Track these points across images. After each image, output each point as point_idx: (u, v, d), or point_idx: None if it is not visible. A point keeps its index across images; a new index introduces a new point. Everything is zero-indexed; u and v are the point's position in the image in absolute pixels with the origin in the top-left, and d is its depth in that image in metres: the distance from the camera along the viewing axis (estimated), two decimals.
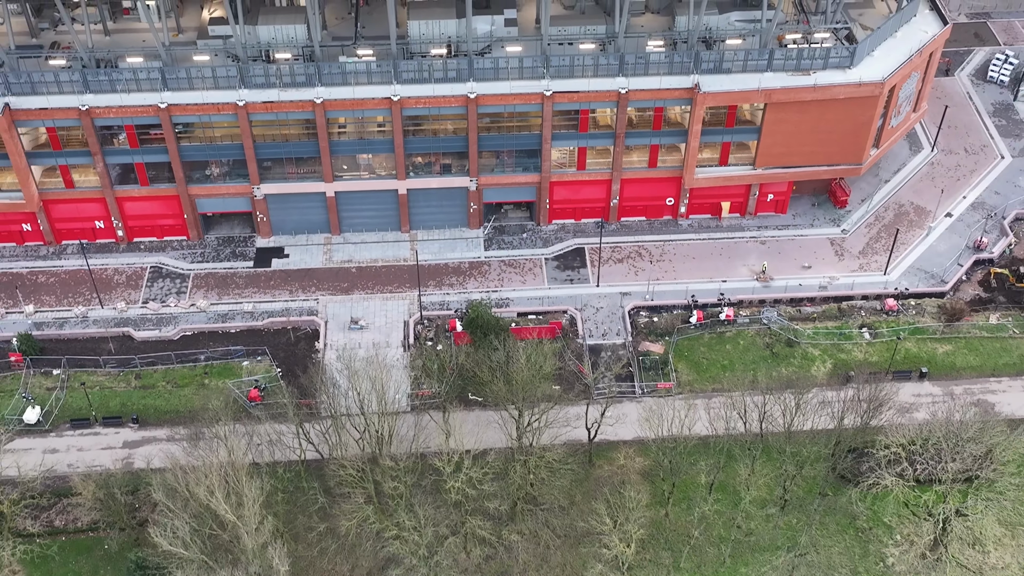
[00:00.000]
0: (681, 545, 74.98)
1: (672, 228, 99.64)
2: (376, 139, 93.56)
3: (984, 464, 67.80)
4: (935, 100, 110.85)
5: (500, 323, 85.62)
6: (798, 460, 71.99)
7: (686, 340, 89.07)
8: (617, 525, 67.73)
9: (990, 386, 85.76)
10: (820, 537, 75.32)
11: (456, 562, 71.53)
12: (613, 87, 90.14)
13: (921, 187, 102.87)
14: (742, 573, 74.44)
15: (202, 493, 62.02)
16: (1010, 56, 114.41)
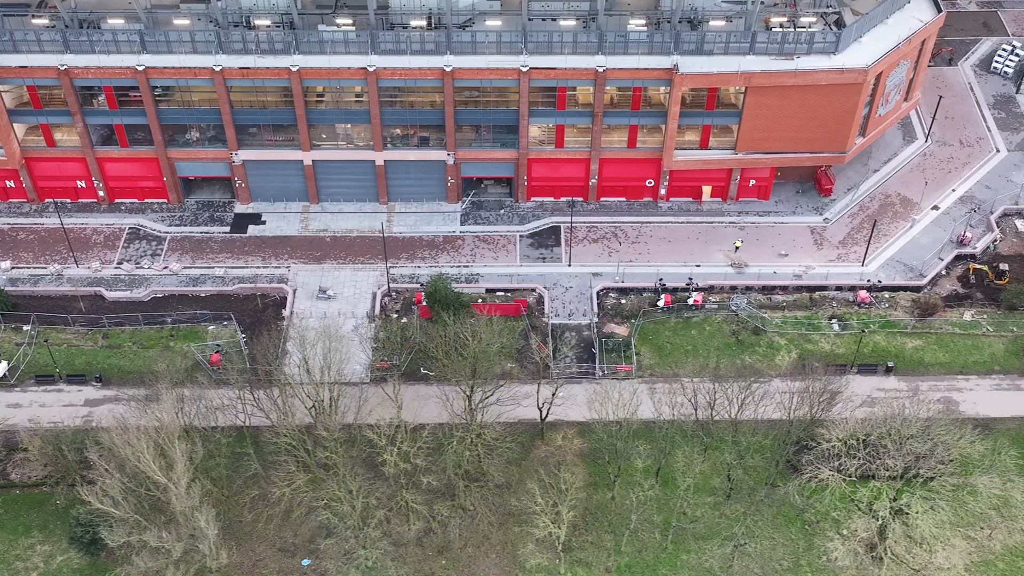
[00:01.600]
0: (624, 528, 74.66)
1: (651, 210, 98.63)
2: (353, 109, 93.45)
3: (925, 463, 66.63)
4: (935, 90, 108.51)
5: (460, 299, 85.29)
6: (739, 450, 71.20)
7: (652, 324, 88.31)
8: (550, 506, 67.47)
9: (957, 384, 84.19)
10: (766, 528, 74.52)
11: (388, 535, 71.86)
12: (591, 65, 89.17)
13: (910, 178, 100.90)
14: (683, 560, 73.91)
15: (130, 454, 62.64)
16: (1017, 47, 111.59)
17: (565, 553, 73.86)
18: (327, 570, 71.73)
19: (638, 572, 73.88)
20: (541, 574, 73.35)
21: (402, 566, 73.26)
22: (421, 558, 74.06)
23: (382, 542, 69.08)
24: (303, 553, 73.74)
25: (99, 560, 72.67)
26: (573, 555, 74.27)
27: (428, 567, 73.81)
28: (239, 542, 74.37)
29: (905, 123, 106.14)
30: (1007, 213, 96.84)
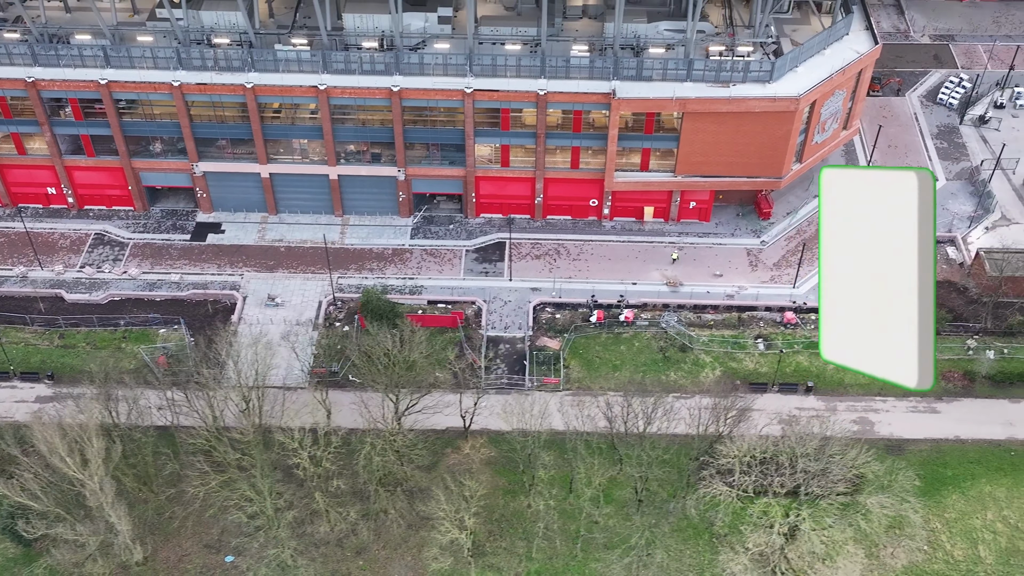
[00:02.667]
0: (534, 536, 74.40)
1: (595, 229, 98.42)
2: (308, 125, 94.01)
3: (817, 481, 66.03)
4: (881, 119, 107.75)
5: (395, 309, 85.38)
6: (644, 463, 70.78)
7: (583, 338, 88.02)
8: (454, 512, 67.31)
9: (874, 405, 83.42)
10: (674, 540, 74.10)
11: (310, 535, 71.98)
12: (533, 88, 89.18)
13: None
14: (591, 568, 73.59)
15: (44, 449, 63.07)
16: (963, 80, 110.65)
17: (479, 558, 73.75)
18: (240, 567, 71.93)
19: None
20: None
21: (322, 565, 73.42)
22: (340, 558, 74.15)
23: (292, 541, 69.05)
24: (228, 550, 73.99)
25: (33, 550, 73.19)
26: (486, 560, 74.10)
27: (346, 567, 73.91)
28: (167, 538, 74.73)
29: (849, 150, 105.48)
30: (939, 241, 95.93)
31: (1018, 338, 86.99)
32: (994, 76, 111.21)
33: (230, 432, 69.03)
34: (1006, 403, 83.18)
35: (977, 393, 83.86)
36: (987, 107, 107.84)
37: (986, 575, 73.30)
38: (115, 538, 65.82)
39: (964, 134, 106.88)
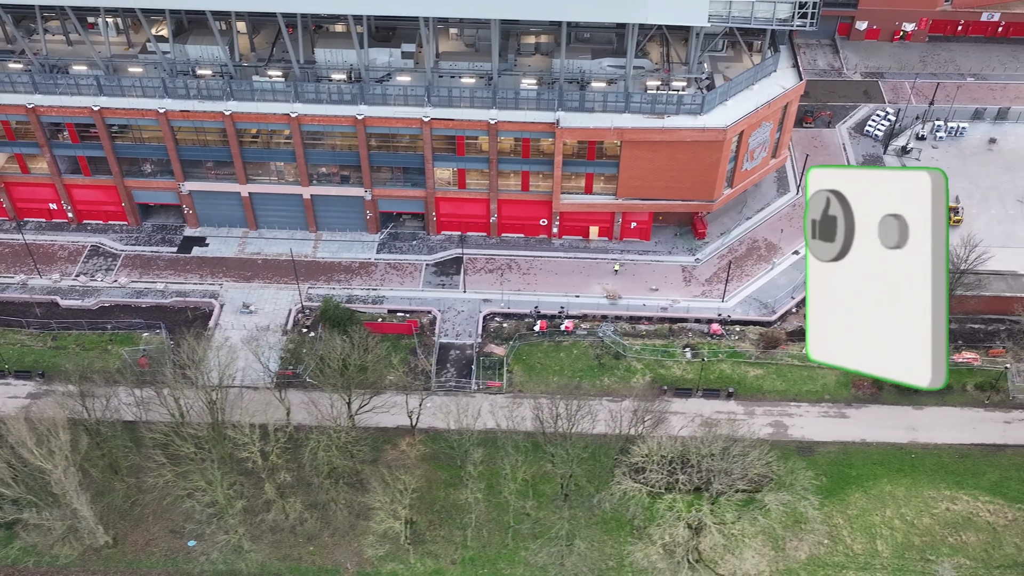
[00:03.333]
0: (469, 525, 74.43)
1: (545, 246, 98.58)
2: (282, 149, 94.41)
3: (721, 479, 65.97)
4: (812, 148, 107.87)
5: (353, 317, 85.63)
6: (564, 460, 70.79)
7: (527, 346, 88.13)
8: (389, 503, 67.42)
9: (789, 409, 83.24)
10: (598, 532, 74.01)
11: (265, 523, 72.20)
12: (484, 118, 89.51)
13: (778, 226, 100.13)
14: (520, 556, 73.59)
15: (12, 440, 63.49)
16: (889, 113, 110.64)
17: (418, 545, 73.86)
18: (200, 551, 72.15)
19: (480, 564, 73.69)
20: (394, 562, 73.38)
21: (275, 550, 73.63)
22: (292, 544, 74.36)
23: (241, 528, 69.19)
24: (190, 535, 74.22)
25: (13, 533, 73.47)
26: (425, 547, 74.23)
27: (297, 552, 74.12)
28: (136, 523, 75.06)
29: (782, 177, 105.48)
30: None
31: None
32: (917, 110, 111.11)
33: (188, 427, 69.26)
34: (910, 410, 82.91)
35: (884, 400, 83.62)
36: (909, 138, 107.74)
37: (881, 567, 73.01)
38: (80, 523, 66.03)
39: (887, 163, 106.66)
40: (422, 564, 73.27)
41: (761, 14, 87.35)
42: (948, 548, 73.56)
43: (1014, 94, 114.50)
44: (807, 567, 73.03)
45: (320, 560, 73.44)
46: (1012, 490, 76.97)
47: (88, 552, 72.80)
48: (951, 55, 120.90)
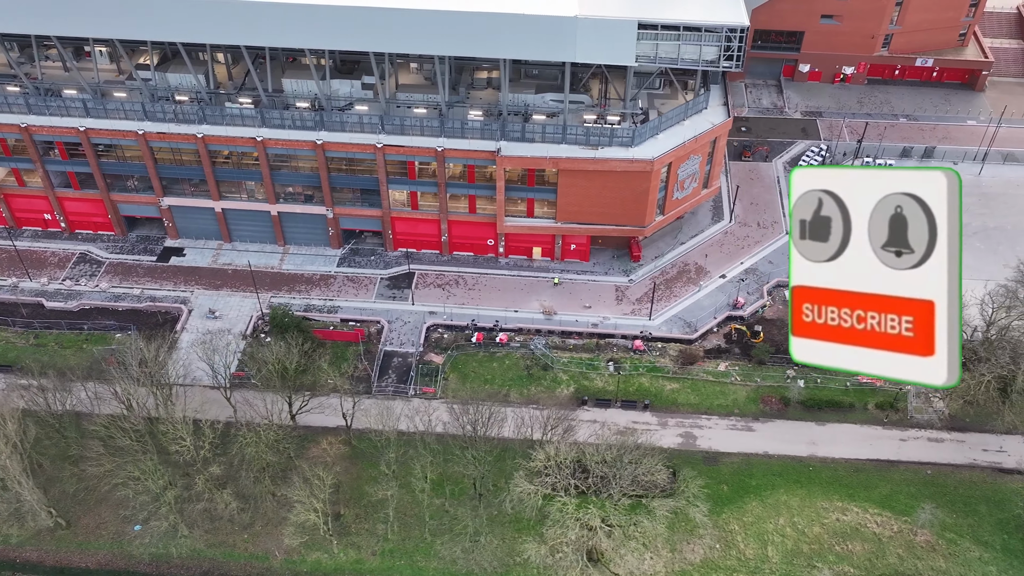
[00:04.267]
0: (394, 522, 74.08)
1: (492, 264, 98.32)
2: (251, 170, 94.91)
3: (612, 484, 65.25)
4: (748, 180, 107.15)
5: (300, 324, 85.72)
6: (476, 462, 70.34)
7: (464, 356, 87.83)
8: (307, 496, 67.25)
9: (700, 422, 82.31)
10: (508, 529, 73.39)
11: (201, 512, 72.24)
12: (432, 145, 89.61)
13: (710, 251, 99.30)
14: (436, 549, 73.12)
15: None
16: (822, 150, 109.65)
17: (343, 537, 73.59)
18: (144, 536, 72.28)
19: (398, 556, 73.32)
20: (319, 552, 73.14)
21: (212, 537, 73.64)
22: (229, 531, 74.29)
23: (173, 516, 69.24)
24: (136, 521, 74.37)
25: None
26: (349, 539, 73.96)
27: (232, 540, 74.04)
28: (89, 508, 75.31)
29: (717, 206, 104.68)
30: (779, 284, 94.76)
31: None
32: (849, 147, 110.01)
33: (126, 421, 69.52)
34: (813, 425, 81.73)
35: (790, 416, 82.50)
36: None
37: (770, 571, 71.86)
38: (23, 506, 66.37)
39: None
40: (345, 554, 72.97)
41: (687, 55, 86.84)
42: (834, 556, 72.30)
43: (942, 134, 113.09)
44: (700, 569, 72.01)
45: (252, 548, 73.37)
46: (900, 503, 75.58)
47: (43, 533, 73.19)
48: (887, 97, 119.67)
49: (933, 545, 72.90)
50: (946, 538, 73.34)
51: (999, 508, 74.81)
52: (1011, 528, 73.51)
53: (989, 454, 79.23)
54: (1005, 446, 79.41)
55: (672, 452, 79.62)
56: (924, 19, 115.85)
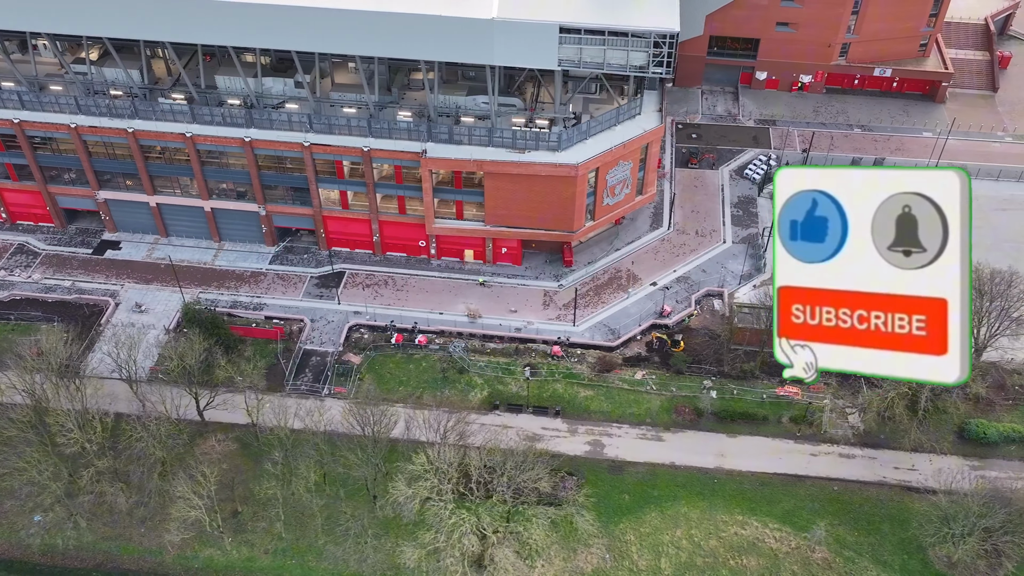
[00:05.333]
0: (291, 520, 74.15)
1: (424, 266, 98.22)
2: (183, 165, 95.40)
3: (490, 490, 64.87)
4: (692, 188, 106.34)
5: (216, 321, 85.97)
6: (365, 463, 70.24)
7: (382, 356, 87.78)
8: (191, 492, 67.43)
9: (610, 430, 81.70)
10: (403, 532, 73.11)
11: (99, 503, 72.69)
12: (359, 145, 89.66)
13: (644, 258, 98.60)
14: (329, 550, 73.04)
15: None
16: (770, 158, 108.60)
17: (239, 533, 73.77)
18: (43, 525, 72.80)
19: (290, 555, 73.34)
20: (212, 548, 73.32)
21: (110, 529, 74.05)
22: (127, 524, 74.67)
23: (58, 508, 69.65)
24: (12, 511, 74.79)
25: None
26: (244, 536, 74.10)
27: (129, 532, 74.39)
28: None
29: (658, 212, 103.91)
30: (709, 294, 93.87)
31: (750, 381, 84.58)
32: (799, 156, 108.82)
33: (11, 411, 70.09)
34: (724, 437, 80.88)
35: (702, 427, 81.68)
36: None
37: None
38: None
39: (760, 204, 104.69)
40: (238, 552, 73.11)
41: (614, 60, 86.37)
42: (728, 570, 71.47)
43: (896, 145, 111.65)
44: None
45: (147, 542, 73.65)
46: (802, 519, 74.59)
47: None
48: (844, 106, 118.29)
49: (830, 563, 71.88)
50: (844, 556, 72.29)
51: (902, 527, 73.62)
52: (912, 548, 72.32)
53: (900, 472, 78.02)
54: (917, 464, 78.15)
55: (578, 460, 79.23)
56: (882, 29, 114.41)
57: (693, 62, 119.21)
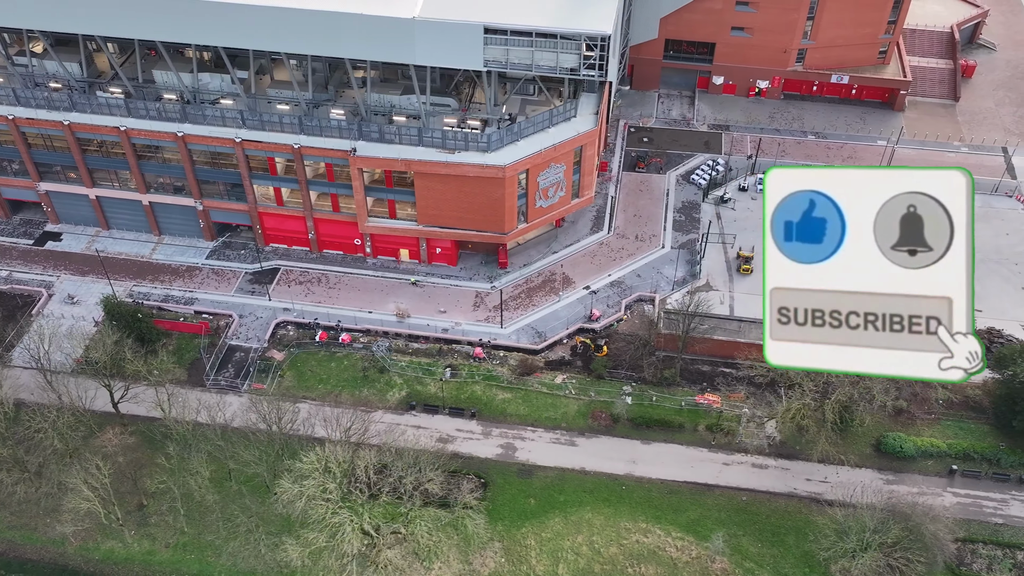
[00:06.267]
0: (195, 514, 74.42)
1: (360, 264, 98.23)
2: (119, 159, 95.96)
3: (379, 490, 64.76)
4: (638, 192, 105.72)
5: (136, 314, 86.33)
6: (262, 459, 70.33)
7: (305, 354, 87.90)
8: (83, 482, 67.76)
9: (524, 433, 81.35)
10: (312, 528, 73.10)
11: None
12: (289, 142, 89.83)
13: (581, 261, 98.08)
14: (231, 546, 73.17)
15: None
16: (719, 164, 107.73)
17: (142, 527, 74.10)
18: None
19: (191, 550, 73.66)
20: (113, 540, 73.68)
21: (16, 519, 74.61)
22: (34, 514, 75.19)
23: None
24: None
25: None
26: (147, 530, 74.44)
27: (35, 523, 74.93)
28: None
29: (600, 215, 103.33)
30: (641, 299, 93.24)
31: (671, 388, 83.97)
32: (748, 162, 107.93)
33: None
34: (638, 444, 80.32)
35: (617, 433, 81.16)
36: (725, 189, 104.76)
37: None
38: None
39: (704, 210, 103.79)
40: (139, 544, 73.47)
41: (544, 62, 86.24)
42: None
43: (848, 153, 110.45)
44: None
45: (51, 532, 74.09)
46: (706, 529, 73.94)
47: None
48: (801, 113, 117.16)
49: (729, 573, 71.20)
50: (744, 567, 71.60)
51: (806, 540, 72.72)
52: (814, 562, 71.43)
53: (811, 484, 77.18)
54: (830, 476, 77.25)
55: (488, 463, 79.02)
56: (839, 35, 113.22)
57: (649, 65, 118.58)
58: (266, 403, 71.79)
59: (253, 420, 73.54)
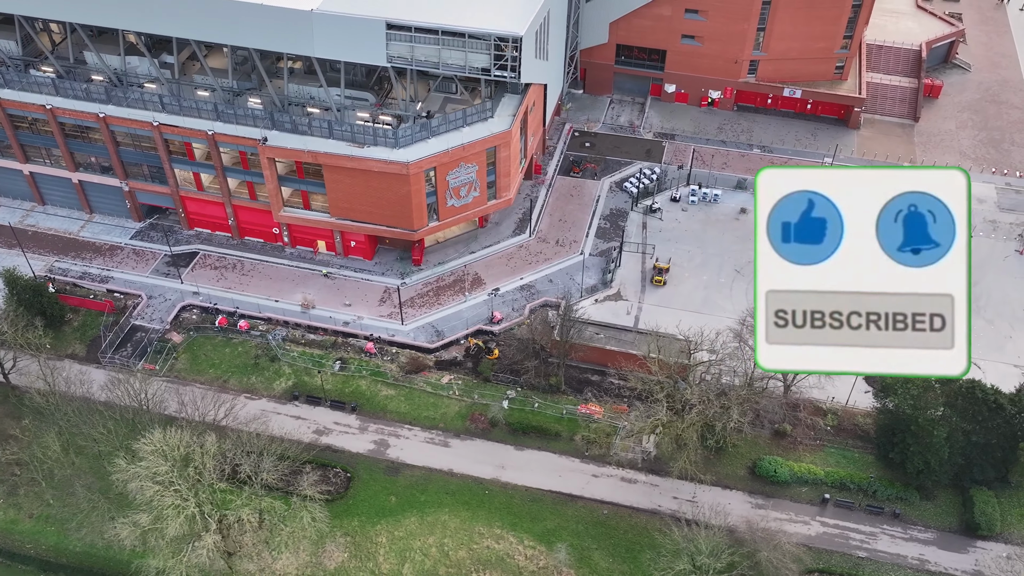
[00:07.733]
0: (63, 487, 75.82)
1: (278, 253, 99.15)
2: (49, 136, 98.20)
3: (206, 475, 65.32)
4: (568, 196, 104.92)
5: (39, 289, 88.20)
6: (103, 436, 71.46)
7: (203, 338, 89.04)
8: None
9: (399, 431, 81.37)
10: None
11: None
12: (204, 128, 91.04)
13: (496, 263, 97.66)
14: (90, 519, 74.38)
15: None
16: (652, 173, 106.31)
17: (9, 496, 75.84)
18: None
19: (52, 522, 75.14)
20: None
21: None
22: None
23: None
24: None
25: None
26: (15, 499, 76.11)
27: None
28: None
29: (525, 217, 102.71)
30: (547, 304, 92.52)
31: (555, 395, 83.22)
32: (687, 173, 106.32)
33: None
34: (511, 449, 79.79)
35: (492, 437, 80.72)
36: (654, 199, 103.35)
37: None
38: None
39: (631, 219, 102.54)
40: (4, 513, 75.14)
41: (452, 61, 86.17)
42: None
43: None
44: (336, 574, 71.35)
45: None
46: (560, 540, 73.21)
47: None
48: (751, 125, 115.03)
49: None
50: None
51: (661, 558, 71.45)
52: None
53: (677, 502, 75.87)
54: (698, 495, 75.84)
55: (359, 457, 79.23)
56: (792, 48, 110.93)
57: (601, 70, 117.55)
58: (121, 380, 72.84)
59: (119, 396, 74.66)
